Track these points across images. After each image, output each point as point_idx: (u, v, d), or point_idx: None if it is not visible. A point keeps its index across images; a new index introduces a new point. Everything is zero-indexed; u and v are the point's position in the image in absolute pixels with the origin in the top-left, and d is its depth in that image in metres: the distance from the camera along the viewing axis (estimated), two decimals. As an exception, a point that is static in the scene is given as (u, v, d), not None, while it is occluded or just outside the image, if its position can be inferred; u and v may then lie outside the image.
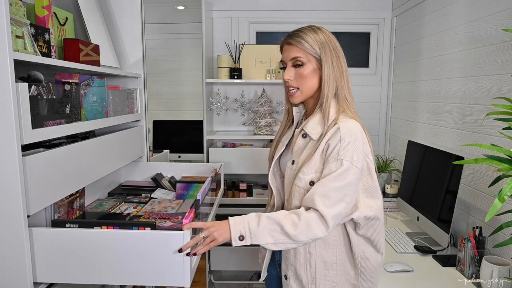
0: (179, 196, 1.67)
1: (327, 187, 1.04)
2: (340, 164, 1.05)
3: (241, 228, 1.04)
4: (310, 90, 1.16)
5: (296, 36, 1.13)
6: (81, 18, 1.50)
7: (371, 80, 2.82)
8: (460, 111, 1.83)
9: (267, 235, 1.04)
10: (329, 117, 1.11)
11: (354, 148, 1.06)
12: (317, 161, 1.09)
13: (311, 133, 1.12)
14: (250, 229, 1.04)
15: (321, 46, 1.12)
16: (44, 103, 0.99)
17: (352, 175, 1.05)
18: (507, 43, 1.50)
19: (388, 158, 2.66)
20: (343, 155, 1.05)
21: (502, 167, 0.89)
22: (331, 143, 1.07)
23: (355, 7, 2.73)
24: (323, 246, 1.16)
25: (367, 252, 1.16)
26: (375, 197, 1.14)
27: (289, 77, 1.15)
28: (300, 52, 1.12)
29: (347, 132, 1.07)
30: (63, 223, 1.05)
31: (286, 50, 1.17)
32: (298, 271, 1.17)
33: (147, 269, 1.02)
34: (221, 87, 2.73)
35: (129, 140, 1.64)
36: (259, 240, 1.04)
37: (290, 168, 1.17)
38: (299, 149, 1.16)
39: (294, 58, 1.14)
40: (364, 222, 1.13)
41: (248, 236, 1.04)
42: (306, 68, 1.13)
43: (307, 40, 1.12)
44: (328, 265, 1.16)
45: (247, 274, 2.72)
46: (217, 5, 2.72)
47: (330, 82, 1.12)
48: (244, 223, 1.05)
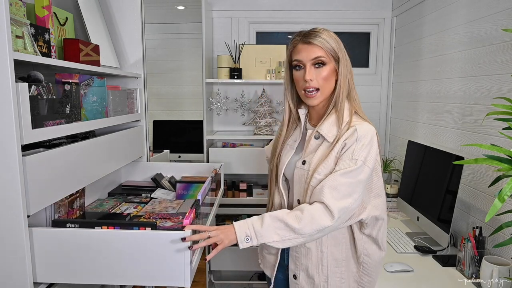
0: (179, 196, 1.67)
1: (337, 180, 1.06)
2: (355, 163, 1.07)
3: (246, 229, 1.06)
4: (329, 91, 1.16)
5: (317, 36, 1.12)
6: (81, 18, 1.50)
7: (371, 80, 2.83)
8: (460, 111, 1.83)
9: (272, 233, 1.05)
10: (343, 119, 1.12)
11: (369, 150, 1.09)
12: (332, 161, 1.10)
13: (327, 136, 1.13)
14: (255, 229, 1.06)
15: (338, 47, 1.13)
16: (44, 103, 0.99)
17: (364, 174, 1.08)
18: (507, 43, 1.50)
19: (388, 158, 2.66)
20: (358, 155, 1.07)
21: (502, 167, 0.89)
22: (347, 142, 1.09)
23: (355, 7, 2.73)
24: (334, 244, 1.17)
25: (370, 249, 1.19)
26: (381, 196, 1.18)
27: (311, 78, 1.12)
28: (322, 51, 1.11)
29: (363, 134, 1.09)
30: (64, 223, 1.05)
31: (305, 49, 1.12)
32: (310, 270, 1.18)
33: (147, 269, 1.02)
34: (221, 87, 2.73)
35: (129, 140, 1.64)
36: (265, 239, 1.05)
37: (300, 168, 1.17)
38: (312, 149, 1.16)
39: (316, 58, 1.11)
40: (371, 222, 1.15)
41: (253, 236, 1.05)
42: (328, 68, 1.12)
43: (328, 41, 1.11)
44: (338, 262, 1.18)
45: (247, 274, 2.72)
46: (217, 5, 2.72)
47: (345, 83, 1.14)
48: (248, 224, 1.07)
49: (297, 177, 1.18)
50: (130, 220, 1.31)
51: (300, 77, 1.14)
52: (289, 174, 1.22)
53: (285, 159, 1.22)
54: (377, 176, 1.16)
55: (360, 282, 1.22)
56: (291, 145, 1.24)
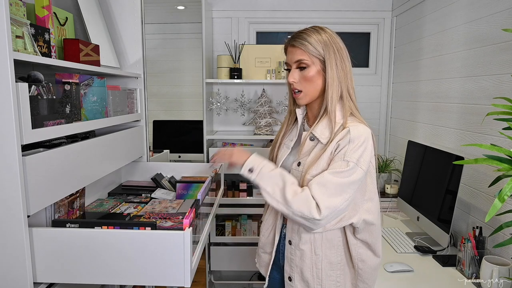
0: (179, 196, 1.67)
1: (325, 178, 1.06)
2: (346, 165, 1.06)
3: (256, 164, 1.15)
4: (315, 92, 1.16)
5: (300, 38, 1.12)
6: (81, 18, 1.50)
7: (371, 80, 2.83)
8: (460, 111, 1.83)
9: (269, 183, 1.11)
10: (335, 121, 1.12)
11: (362, 151, 1.07)
12: (325, 162, 1.10)
13: (321, 138, 1.13)
14: (262, 169, 1.13)
15: (325, 47, 1.11)
16: (44, 103, 0.99)
17: (356, 175, 1.07)
18: (507, 43, 1.50)
19: (388, 158, 2.66)
20: (350, 157, 1.06)
21: (502, 167, 0.89)
22: (340, 143, 1.09)
23: (355, 7, 2.73)
24: (329, 247, 1.16)
25: (364, 254, 1.17)
26: (373, 199, 1.16)
27: (294, 80, 1.15)
28: (304, 54, 1.11)
29: (357, 136, 1.08)
30: (64, 223, 1.05)
31: (290, 52, 1.16)
32: (304, 272, 1.17)
33: (147, 269, 1.02)
34: (221, 87, 2.73)
35: (129, 140, 1.64)
36: (262, 183, 1.12)
37: (296, 170, 1.17)
38: (307, 151, 1.16)
39: (298, 61, 1.13)
40: (362, 226, 1.14)
41: (256, 173, 1.13)
42: (310, 70, 1.12)
43: (311, 42, 1.11)
44: (333, 265, 1.17)
45: (247, 274, 2.72)
46: (217, 5, 2.72)
47: (334, 84, 1.12)
48: (261, 162, 1.15)
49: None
50: (130, 220, 1.31)
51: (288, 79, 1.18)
52: None
53: (281, 158, 1.24)
54: (370, 179, 1.14)
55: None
56: (287, 145, 1.24)
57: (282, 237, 1.26)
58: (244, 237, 2.57)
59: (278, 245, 1.27)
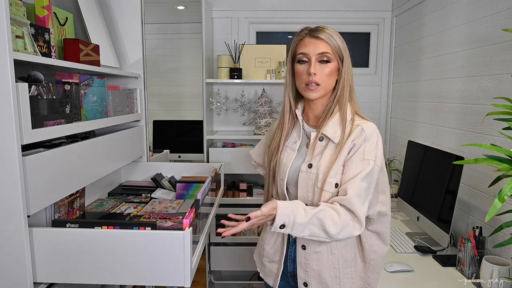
0: (179, 196, 1.67)
1: (359, 186, 1.06)
2: (368, 164, 1.07)
3: (286, 218, 1.02)
4: (329, 88, 1.15)
5: (325, 32, 1.11)
6: (81, 18, 1.50)
7: (371, 80, 2.83)
8: (460, 111, 1.83)
9: (308, 230, 1.04)
10: (347, 119, 1.13)
11: (377, 149, 1.10)
12: (341, 163, 1.10)
13: (333, 137, 1.11)
14: (294, 221, 1.02)
15: (344, 47, 1.13)
16: (44, 103, 0.99)
17: (375, 175, 1.09)
18: (507, 43, 1.50)
19: (388, 158, 2.66)
20: (369, 155, 1.08)
21: (502, 167, 0.89)
22: (356, 142, 1.09)
23: (355, 7, 2.73)
24: (343, 245, 1.17)
25: (376, 245, 1.20)
26: (386, 192, 1.20)
27: (315, 71, 1.10)
28: (328, 48, 1.11)
29: (371, 133, 1.09)
30: (64, 223, 1.05)
31: (312, 43, 1.11)
32: (323, 274, 1.17)
33: (147, 269, 1.02)
34: (221, 87, 2.73)
35: (129, 140, 1.64)
36: (296, 233, 1.03)
37: (306, 172, 1.13)
38: (318, 152, 1.14)
39: (322, 53, 1.11)
40: (377, 217, 1.18)
41: (289, 227, 1.02)
42: (332, 65, 1.12)
43: (335, 38, 1.12)
44: (348, 262, 1.18)
45: (247, 274, 2.72)
46: (217, 5, 2.72)
47: (347, 84, 1.14)
48: (291, 215, 1.02)
49: (302, 181, 1.14)
50: (130, 220, 1.31)
51: (303, 71, 1.13)
52: (292, 178, 1.18)
53: (287, 161, 1.19)
54: (382, 173, 1.16)
55: (367, 280, 1.22)
56: (292, 147, 1.20)
57: (290, 243, 1.23)
58: (244, 237, 2.57)
59: (287, 252, 1.24)
